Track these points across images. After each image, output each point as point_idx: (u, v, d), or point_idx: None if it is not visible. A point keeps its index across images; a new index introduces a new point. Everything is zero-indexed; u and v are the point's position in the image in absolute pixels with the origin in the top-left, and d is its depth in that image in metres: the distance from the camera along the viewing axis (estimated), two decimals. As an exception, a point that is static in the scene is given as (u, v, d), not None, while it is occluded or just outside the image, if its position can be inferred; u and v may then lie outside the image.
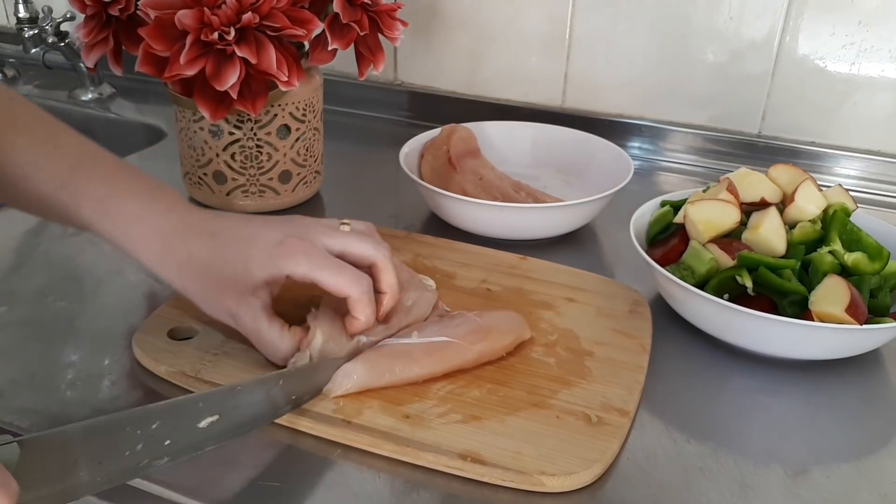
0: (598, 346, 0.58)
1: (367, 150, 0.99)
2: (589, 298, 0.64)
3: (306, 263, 0.49)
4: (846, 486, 0.48)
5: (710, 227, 0.62)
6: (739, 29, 0.89)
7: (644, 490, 0.47)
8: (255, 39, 0.66)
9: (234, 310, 0.51)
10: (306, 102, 0.77)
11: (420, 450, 0.48)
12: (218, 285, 0.50)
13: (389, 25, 0.75)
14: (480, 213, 0.73)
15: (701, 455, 0.50)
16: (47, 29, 1.08)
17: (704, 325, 0.60)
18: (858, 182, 0.89)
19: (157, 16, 0.65)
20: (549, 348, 0.58)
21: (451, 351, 0.54)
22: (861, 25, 0.84)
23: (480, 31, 1.01)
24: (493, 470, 0.46)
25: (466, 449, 0.48)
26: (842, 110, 0.89)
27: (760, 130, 0.93)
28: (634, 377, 0.55)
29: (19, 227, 0.76)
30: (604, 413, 0.51)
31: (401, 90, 1.08)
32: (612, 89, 0.98)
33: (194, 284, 0.51)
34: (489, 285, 0.66)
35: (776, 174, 0.66)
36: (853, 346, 0.57)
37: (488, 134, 0.87)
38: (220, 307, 0.51)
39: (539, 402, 0.52)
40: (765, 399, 0.56)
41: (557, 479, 0.46)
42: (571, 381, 0.54)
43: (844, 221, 0.61)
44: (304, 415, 0.50)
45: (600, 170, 0.83)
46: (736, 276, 0.58)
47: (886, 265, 0.60)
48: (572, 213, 0.74)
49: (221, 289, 0.50)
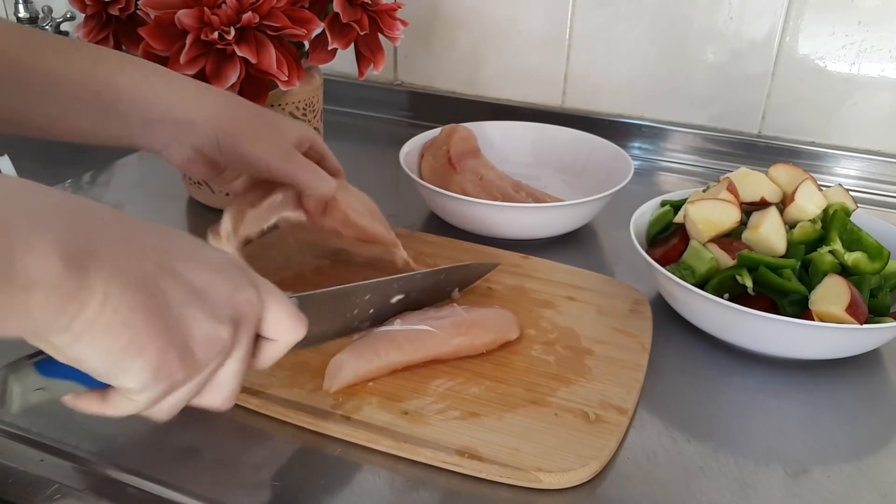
0: (597, 344, 0.58)
1: (368, 150, 0.99)
2: (590, 297, 0.64)
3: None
4: (846, 486, 0.48)
5: (711, 227, 0.62)
6: (739, 29, 0.89)
7: (644, 489, 0.47)
8: (255, 39, 0.66)
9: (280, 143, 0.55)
10: (306, 102, 0.77)
11: (418, 445, 0.48)
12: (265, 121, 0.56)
13: (389, 25, 0.75)
14: (480, 213, 0.73)
15: (701, 454, 0.50)
16: (47, 29, 1.09)
17: (704, 324, 0.60)
18: (858, 182, 0.90)
19: (157, 15, 0.65)
20: (549, 346, 0.58)
21: (430, 341, 0.55)
22: (861, 25, 0.84)
23: (481, 31, 1.01)
24: (490, 466, 0.47)
25: (464, 445, 0.48)
26: (842, 110, 0.89)
27: (760, 130, 0.93)
28: (633, 376, 0.55)
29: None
30: (602, 411, 0.51)
31: (401, 90, 1.08)
32: (612, 89, 0.98)
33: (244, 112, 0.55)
34: (490, 283, 0.66)
35: (776, 174, 0.66)
36: (853, 346, 0.57)
37: (488, 134, 0.88)
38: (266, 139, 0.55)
39: (538, 400, 0.52)
40: (765, 398, 0.56)
41: (554, 476, 0.46)
42: (570, 378, 0.54)
43: (844, 221, 0.61)
44: (303, 410, 0.50)
45: (600, 170, 0.83)
46: (736, 275, 0.58)
47: (886, 265, 0.60)
48: (572, 213, 0.74)
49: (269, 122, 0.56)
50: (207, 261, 0.38)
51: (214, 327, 0.36)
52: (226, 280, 0.37)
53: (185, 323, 0.35)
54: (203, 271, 0.37)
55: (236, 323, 0.37)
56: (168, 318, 0.34)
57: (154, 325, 0.33)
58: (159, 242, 0.36)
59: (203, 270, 0.37)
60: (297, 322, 0.41)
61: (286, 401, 0.51)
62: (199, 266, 0.37)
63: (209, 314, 0.36)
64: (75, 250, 0.31)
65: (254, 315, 0.38)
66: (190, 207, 0.81)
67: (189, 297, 0.35)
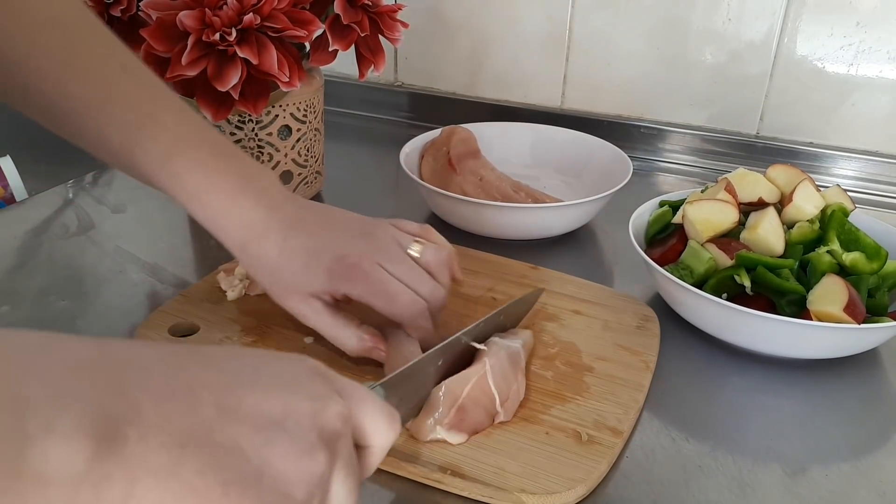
0: (599, 361, 0.56)
1: (368, 151, 0.99)
2: (597, 311, 0.62)
3: (362, 287, 0.52)
4: (844, 485, 0.48)
5: (709, 227, 0.62)
6: (738, 30, 0.89)
7: (643, 488, 0.47)
8: (256, 40, 0.66)
9: (297, 308, 0.53)
10: (307, 103, 0.77)
11: (401, 460, 0.47)
12: (283, 286, 0.53)
13: (390, 27, 0.76)
14: (480, 214, 0.73)
15: (700, 453, 0.50)
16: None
17: (703, 324, 0.60)
18: (856, 182, 0.90)
19: (159, 17, 0.65)
20: (548, 361, 0.56)
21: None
22: (859, 26, 0.85)
23: (480, 33, 1.01)
24: (472, 485, 0.45)
25: (448, 461, 0.47)
26: (840, 111, 0.89)
27: (759, 131, 0.94)
28: (633, 396, 0.53)
29: (21, 226, 0.76)
30: (596, 432, 0.49)
31: (401, 91, 1.08)
32: (611, 90, 0.98)
33: (264, 278, 0.54)
34: (495, 294, 0.65)
35: (774, 174, 0.66)
36: (851, 346, 0.57)
37: (488, 135, 0.88)
38: (285, 303, 0.54)
39: (529, 417, 0.50)
40: (763, 398, 0.56)
41: (538, 498, 0.44)
42: (566, 396, 0.52)
43: (842, 221, 0.62)
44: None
45: (599, 170, 0.83)
46: (734, 275, 0.58)
47: (884, 265, 0.60)
48: (571, 214, 0.74)
49: (286, 288, 0.53)
50: (277, 381, 0.32)
51: (307, 460, 0.30)
52: (305, 398, 0.32)
53: (271, 467, 0.29)
54: (275, 397, 0.31)
55: (330, 444, 0.32)
56: (248, 469, 0.28)
57: (235, 485, 0.27)
58: (215, 377, 0.30)
59: (275, 396, 0.31)
60: (391, 422, 0.36)
61: None
62: (269, 391, 0.31)
63: (296, 447, 0.30)
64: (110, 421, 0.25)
65: (346, 428, 0.33)
66: (191, 208, 0.82)
67: (266, 434, 0.29)
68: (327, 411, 0.32)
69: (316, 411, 0.32)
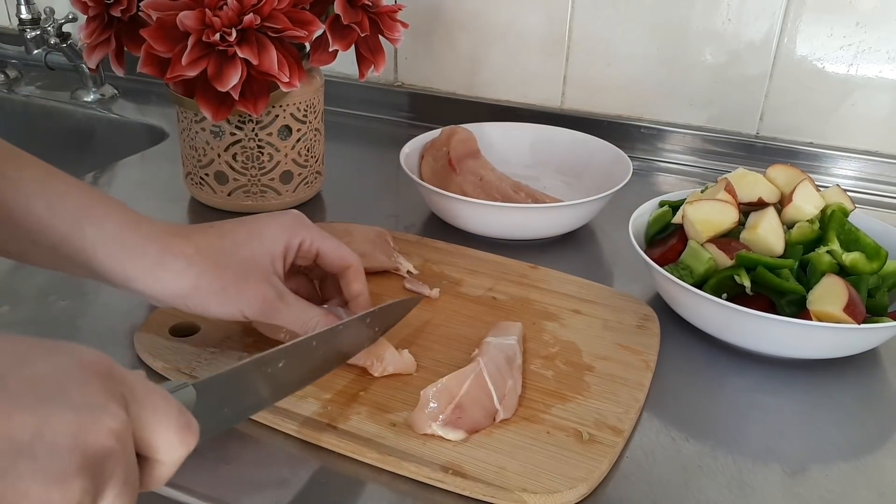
0: (599, 360, 0.57)
1: (368, 151, 0.99)
2: (597, 311, 0.63)
3: (316, 232, 0.54)
4: (844, 485, 0.48)
5: (709, 227, 0.62)
6: (738, 30, 0.90)
7: (643, 487, 0.47)
8: (256, 40, 0.66)
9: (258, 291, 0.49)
10: (307, 103, 0.77)
11: (402, 459, 0.47)
12: (234, 270, 0.49)
13: (390, 27, 0.76)
14: (480, 214, 0.73)
15: (700, 453, 0.50)
16: (49, 30, 1.09)
17: (703, 324, 0.60)
18: (856, 182, 0.90)
19: (159, 17, 0.65)
20: (549, 360, 0.56)
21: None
22: (859, 26, 0.85)
23: (480, 33, 1.01)
24: (473, 484, 0.45)
25: (449, 461, 0.47)
26: (840, 111, 0.89)
27: (758, 131, 0.94)
28: (634, 395, 0.53)
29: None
30: (596, 431, 0.49)
31: (401, 91, 1.08)
32: (611, 90, 0.98)
33: (207, 276, 0.48)
34: (495, 293, 0.65)
35: (774, 174, 0.66)
36: (851, 346, 0.58)
37: (488, 135, 0.88)
38: (236, 297, 0.49)
39: (530, 416, 0.51)
40: (763, 398, 0.56)
41: (539, 498, 0.44)
42: (567, 395, 0.53)
43: (842, 221, 0.62)
44: (289, 417, 0.50)
45: (599, 170, 0.83)
46: (734, 275, 0.58)
47: (884, 265, 0.60)
48: (571, 214, 0.74)
49: (238, 273, 0.49)
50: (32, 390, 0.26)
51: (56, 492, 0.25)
52: (68, 410, 0.27)
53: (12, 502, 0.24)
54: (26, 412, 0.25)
55: (94, 467, 0.27)
56: None
57: None
58: None
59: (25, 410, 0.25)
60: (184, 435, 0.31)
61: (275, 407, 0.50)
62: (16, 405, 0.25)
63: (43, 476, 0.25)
64: None
65: (120, 444, 0.28)
66: (192, 208, 0.82)
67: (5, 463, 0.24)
68: (95, 426, 0.27)
69: (80, 427, 0.27)
